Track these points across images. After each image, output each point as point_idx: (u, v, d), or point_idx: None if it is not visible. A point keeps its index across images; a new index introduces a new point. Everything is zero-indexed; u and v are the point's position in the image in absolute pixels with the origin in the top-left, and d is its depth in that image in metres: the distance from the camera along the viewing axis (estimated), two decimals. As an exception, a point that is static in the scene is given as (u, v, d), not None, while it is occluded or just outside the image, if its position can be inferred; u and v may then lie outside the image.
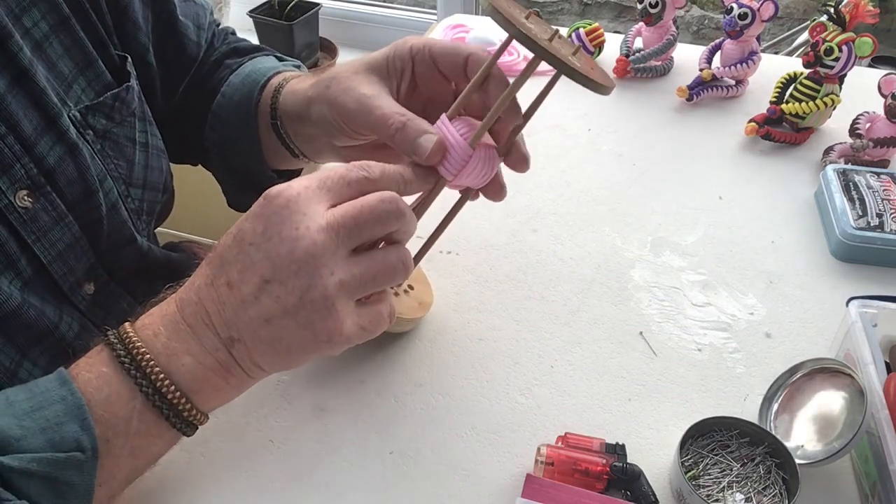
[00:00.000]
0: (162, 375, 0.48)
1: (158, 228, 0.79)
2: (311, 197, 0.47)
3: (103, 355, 0.49)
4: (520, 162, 0.58)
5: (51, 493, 0.46)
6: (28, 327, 0.59)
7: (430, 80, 0.60)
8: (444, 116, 0.55)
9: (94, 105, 0.64)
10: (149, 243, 0.72)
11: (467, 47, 0.58)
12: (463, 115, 0.56)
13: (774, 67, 1.01)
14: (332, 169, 0.49)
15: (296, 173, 0.79)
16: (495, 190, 0.58)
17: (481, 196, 0.60)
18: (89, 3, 0.64)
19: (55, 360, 0.62)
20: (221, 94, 0.75)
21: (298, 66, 0.78)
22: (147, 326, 0.50)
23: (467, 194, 0.59)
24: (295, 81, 0.70)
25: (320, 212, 0.47)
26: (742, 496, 0.55)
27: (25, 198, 0.58)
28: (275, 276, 0.46)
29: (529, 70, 0.51)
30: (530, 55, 0.49)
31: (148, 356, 0.48)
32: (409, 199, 0.53)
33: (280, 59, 0.79)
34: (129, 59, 0.68)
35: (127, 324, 0.50)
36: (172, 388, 0.48)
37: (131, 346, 0.48)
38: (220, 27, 0.84)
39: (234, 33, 0.85)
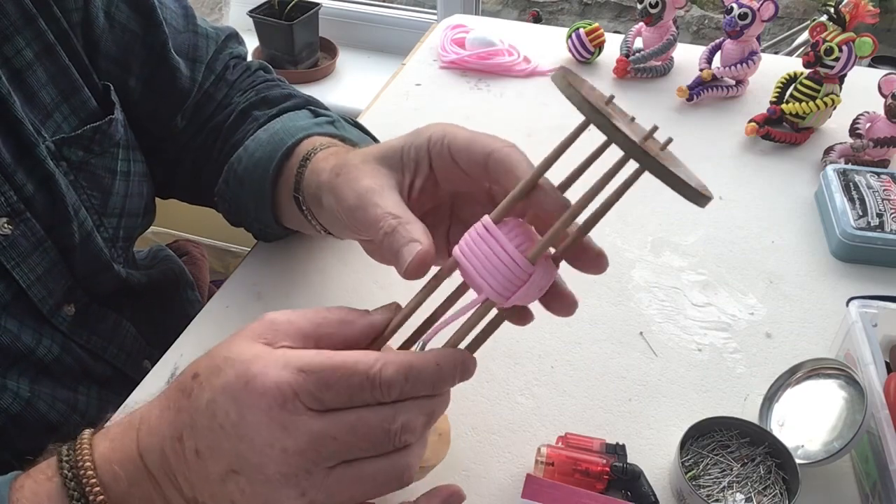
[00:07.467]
0: None
1: (154, 228, 0.79)
2: (297, 407, 0.40)
3: (51, 489, 0.43)
4: (594, 263, 0.45)
5: None
6: (1, 351, 0.58)
7: (451, 176, 0.51)
8: (487, 219, 0.42)
9: (70, 137, 0.63)
10: (127, 269, 0.71)
11: (490, 143, 0.48)
12: (508, 219, 0.44)
13: (774, 67, 1.00)
14: (336, 363, 0.40)
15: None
16: (566, 304, 0.46)
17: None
18: (72, 32, 0.63)
19: (37, 378, 0.63)
20: (244, 148, 0.68)
21: (333, 123, 0.69)
22: (106, 463, 0.44)
23: (507, 314, 0.45)
24: (322, 156, 0.60)
25: (302, 428, 0.40)
26: (742, 496, 0.55)
27: (6, 225, 0.58)
28: (242, 471, 0.41)
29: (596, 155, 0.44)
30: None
31: None
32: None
33: (315, 114, 0.70)
34: (112, 87, 0.67)
35: (87, 457, 0.44)
36: None
37: (89, 491, 0.43)
38: (243, 58, 0.79)
39: (265, 68, 0.79)
